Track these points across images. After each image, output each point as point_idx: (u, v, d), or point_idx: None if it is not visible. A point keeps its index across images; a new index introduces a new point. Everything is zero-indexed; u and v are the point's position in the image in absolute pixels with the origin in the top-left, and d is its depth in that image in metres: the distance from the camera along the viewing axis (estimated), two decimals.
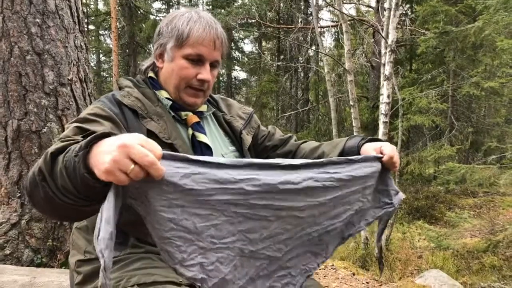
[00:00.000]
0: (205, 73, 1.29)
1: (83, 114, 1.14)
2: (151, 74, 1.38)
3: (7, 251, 2.58)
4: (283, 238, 1.00)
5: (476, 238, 7.20)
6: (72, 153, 0.80)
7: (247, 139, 1.44)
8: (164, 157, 0.81)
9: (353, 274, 5.19)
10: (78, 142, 0.84)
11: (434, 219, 9.50)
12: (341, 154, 1.30)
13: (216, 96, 1.55)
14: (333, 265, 5.38)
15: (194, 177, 0.86)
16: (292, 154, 1.49)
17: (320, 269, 5.05)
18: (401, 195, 1.18)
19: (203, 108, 1.41)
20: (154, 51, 1.35)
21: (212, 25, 1.29)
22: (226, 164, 0.89)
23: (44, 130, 2.67)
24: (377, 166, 1.13)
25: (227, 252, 0.94)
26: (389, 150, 1.16)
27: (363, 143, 1.26)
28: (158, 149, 0.79)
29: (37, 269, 2.11)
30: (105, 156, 0.75)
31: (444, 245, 6.54)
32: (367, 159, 1.11)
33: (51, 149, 0.86)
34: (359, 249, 6.24)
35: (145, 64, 1.42)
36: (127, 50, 17.01)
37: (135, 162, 0.74)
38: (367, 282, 4.98)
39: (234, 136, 1.44)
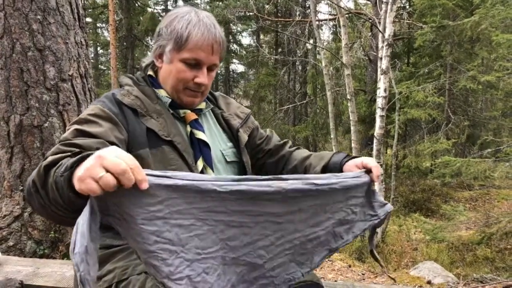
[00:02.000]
0: (202, 77, 1.31)
1: (84, 114, 1.18)
2: (150, 72, 1.42)
3: (11, 243, 2.64)
4: (263, 244, 1.01)
5: (471, 230, 7.27)
6: (59, 171, 0.84)
7: (244, 137, 1.49)
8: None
9: (349, 266, 5.25)
10: (71, 155, 0.89)
11: (430, 212, 9.60)
12: (325, 167, 1.37)
13: (216, 94, 1.59)
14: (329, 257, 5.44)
15: (175, 188, 0.87)
16: (285, 161, 1.54)
17: None
18: (389, 207, 1.21)
19: (202, 105, 1.44)
20: (153, 51, 1.37)
21: (211, 29, 1.29)
22: (208, 181, 0.91)
23: (46, 124, 2.72)
24: (360, 179, 1.15)
25: (211, 261, 0.95)
26: (373, 162, 1.22)
27: (346, 161, 1.32)
28: (133, 160, 0.80)
29: (40, 260, 2.15)
30: (82, 167, 0.78)
31: (439, 238, 6.61)
32: (350, 174, 1.14)
33: (45, 161, 0.90)
34: (356, 241, 6.30)
35: (145, 61, 1.45)
36: (125, 43, 16.93)
37: (107, 171, 0.75)
38: (362, 274, 5.05)
39: (231, 133, 1.49)
